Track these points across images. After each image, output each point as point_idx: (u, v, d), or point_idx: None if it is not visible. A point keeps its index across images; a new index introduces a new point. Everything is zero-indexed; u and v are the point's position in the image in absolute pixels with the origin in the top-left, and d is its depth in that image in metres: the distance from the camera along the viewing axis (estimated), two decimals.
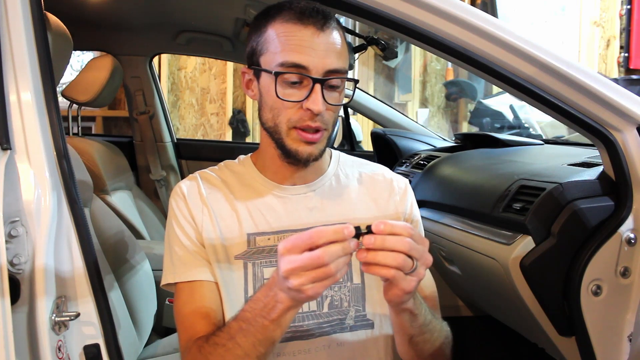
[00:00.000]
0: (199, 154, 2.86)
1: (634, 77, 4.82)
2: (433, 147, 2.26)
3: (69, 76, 3.03)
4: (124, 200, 2.30)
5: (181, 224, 1.03)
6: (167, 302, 1.82)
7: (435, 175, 1.73)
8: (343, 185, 1.10)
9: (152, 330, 1.64)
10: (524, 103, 2.43)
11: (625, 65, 5.06)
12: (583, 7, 5.11)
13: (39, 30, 0.95)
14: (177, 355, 1.52)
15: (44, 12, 0.98)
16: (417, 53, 4.94)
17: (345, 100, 1.04)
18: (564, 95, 1.06)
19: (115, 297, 1.37)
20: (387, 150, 2.33)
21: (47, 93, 0.95)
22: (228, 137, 4.45)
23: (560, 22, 5.19)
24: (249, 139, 4.49)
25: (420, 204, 1.27)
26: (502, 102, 4.36)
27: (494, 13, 4.62)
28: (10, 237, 0.86)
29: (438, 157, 1.87)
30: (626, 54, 5.06)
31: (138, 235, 2.23)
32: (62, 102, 1.38)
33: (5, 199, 0.85)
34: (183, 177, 2.17)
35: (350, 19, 2.58)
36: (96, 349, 0.95)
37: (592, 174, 1.17)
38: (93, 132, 4.08)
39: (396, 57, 3.43)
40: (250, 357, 0.87)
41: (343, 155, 1.16)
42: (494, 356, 1.86)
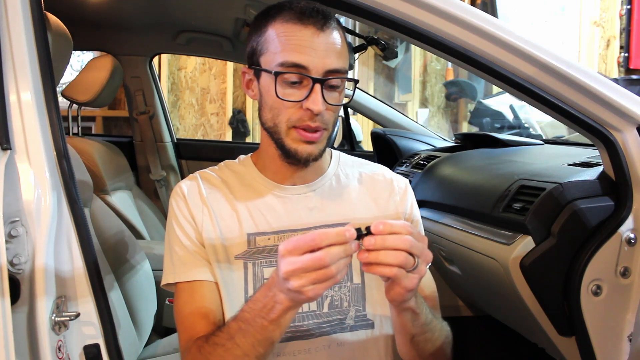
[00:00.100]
0: (199, 154, 2.85)
1: (634, 77, 4.81)
2: (433, 147, 2.26)
3: (69, 76, 3.03)
4: (124, 200, 2.30)
5: (181, 224, 1.03)
6: (167, 302, 1.82)
7: (435, 175, 1.73)
8: (343, 185, 1.10)
9: (152, 330, 1.64)
10: (524, 103, 2.43)
11: (625, 65, 5.06)
12: (583, 7, 5.11)
13: (39, 30, 0.95)
14: (177, 355, 1.52)
15: (44, 12, 0.98)
16: (417, 53, 4.94)
17: (345, 100, 1.04)
18: (564, 95, 1.05)
19: (115, 297, 1.37)
20: (387, 150, 2.33)
21: (47, 93, 0.95)
22: (228, 137, 4.45)
23: (560, 22, 5.19)
24: (249, 139, 4.49)
25: (420, 204, 1.27)
26: (502, 102, 4.35)
27: (494, 13, 4.62)
28: (10, 237, 0.86)
29: (438, 157, 1.87)
30: (626, 54, 5.05)
31: (138, 235, 2.23)
32: (62, 102, 1.38)
33: (5, 199, 0.85)
34: (183, 177, 2.17)
35: (350, 19, 2.58)
36: (96, 349, 0.95)
37: (592, 174, 1.16)
38: (93, 132, 4.08)
39: (396, 57, 3.44)
40: (249, 357, 0.87)
41: (343, 155, 1.16)
42: (494, 356, 1.86)
